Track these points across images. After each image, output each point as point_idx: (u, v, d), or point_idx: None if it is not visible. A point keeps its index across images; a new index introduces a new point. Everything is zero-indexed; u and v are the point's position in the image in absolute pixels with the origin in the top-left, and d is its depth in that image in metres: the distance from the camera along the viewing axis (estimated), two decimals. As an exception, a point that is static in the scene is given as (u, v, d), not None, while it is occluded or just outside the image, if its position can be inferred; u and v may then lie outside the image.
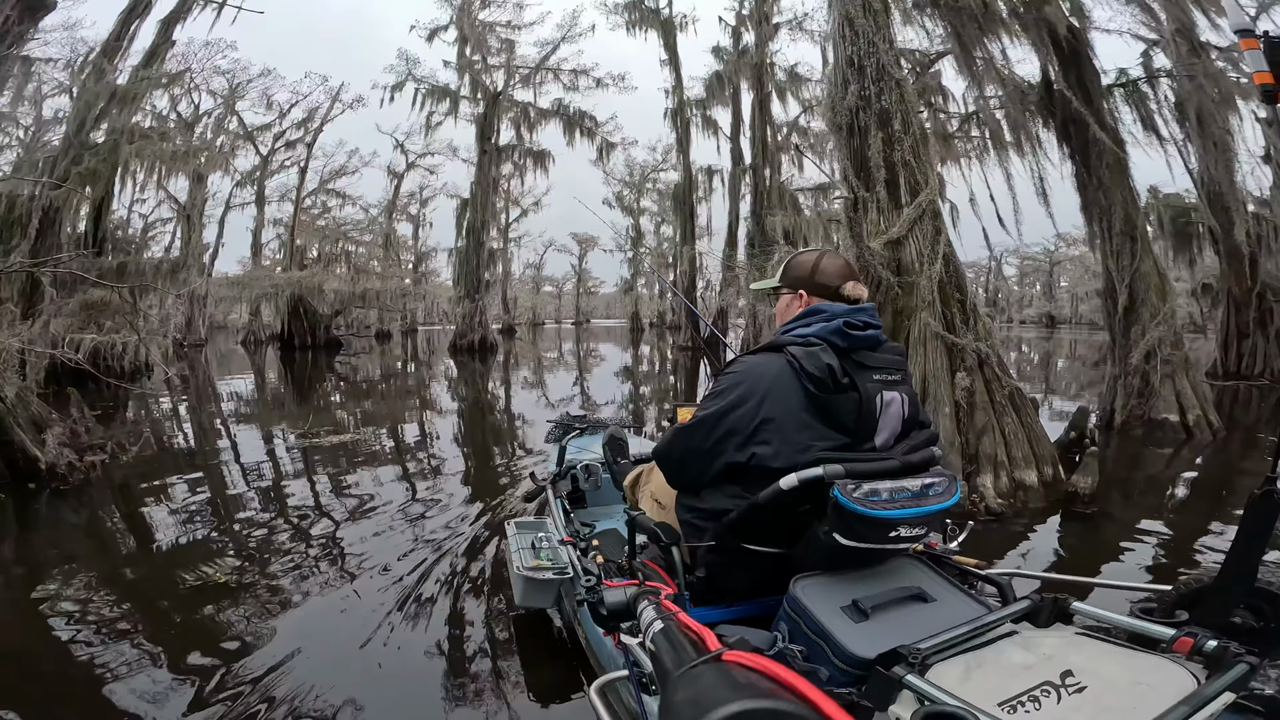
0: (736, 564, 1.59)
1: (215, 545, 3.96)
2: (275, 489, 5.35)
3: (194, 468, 6.01)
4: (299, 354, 23.59)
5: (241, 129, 28.01)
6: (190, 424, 9.21)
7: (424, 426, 8.72)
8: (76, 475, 4.98)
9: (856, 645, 1.21)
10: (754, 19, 19.61)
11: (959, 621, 1.23)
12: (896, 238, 4.69)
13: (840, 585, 1.38)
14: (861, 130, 5.32)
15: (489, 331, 24.62)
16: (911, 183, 4.90)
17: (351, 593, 3.26)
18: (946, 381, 4.44)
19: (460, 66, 22.48)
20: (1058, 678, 1.02)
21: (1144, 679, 0.99)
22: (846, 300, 1.69)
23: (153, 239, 33.14)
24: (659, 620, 1.25)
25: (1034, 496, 4.35)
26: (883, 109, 5.24)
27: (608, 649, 1.88)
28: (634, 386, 14.55)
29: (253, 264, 29.81)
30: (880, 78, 5.34)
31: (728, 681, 0.96)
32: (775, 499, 1.45)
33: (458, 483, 5.55)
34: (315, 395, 12.96)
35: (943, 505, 1.43)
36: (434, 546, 3.84)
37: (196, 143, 25.27)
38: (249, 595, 3.22)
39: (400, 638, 2.79)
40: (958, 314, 4.64)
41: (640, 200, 42.35)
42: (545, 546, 2.57)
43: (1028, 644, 1.15)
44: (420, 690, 2.45)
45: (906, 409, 1.62)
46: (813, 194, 21.88)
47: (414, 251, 40.83)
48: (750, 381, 1.57)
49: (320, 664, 2.57)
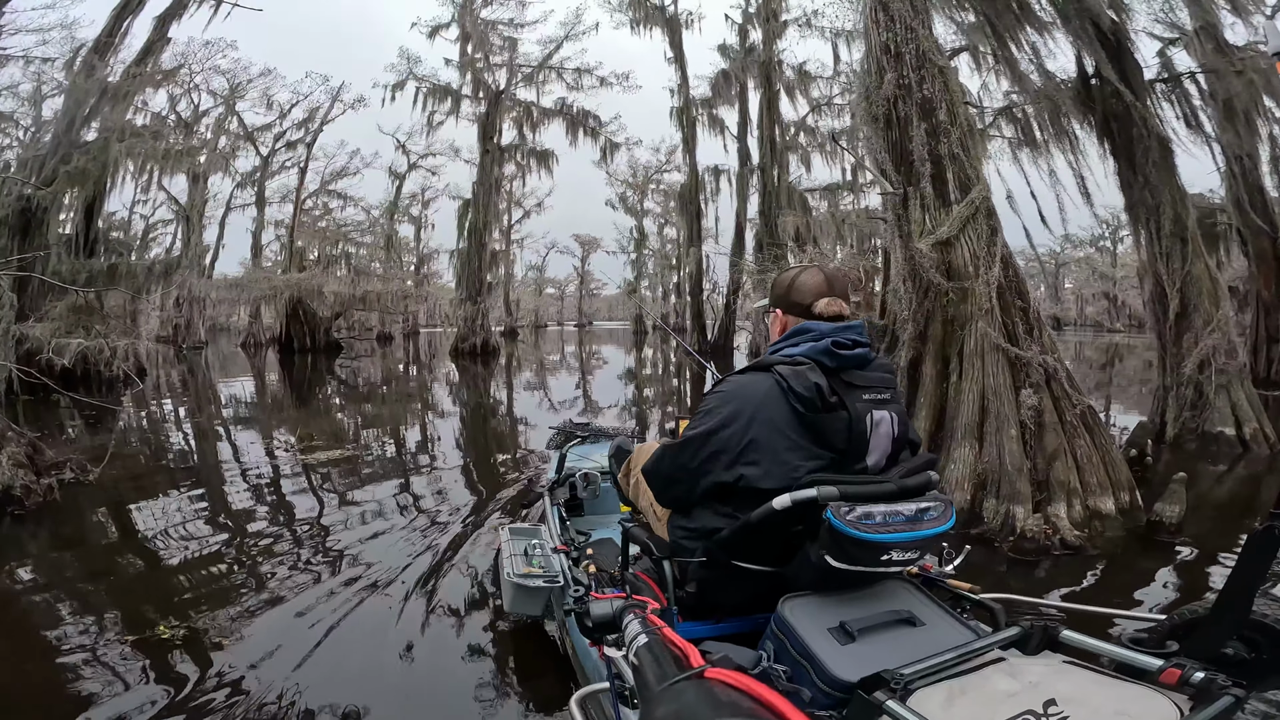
0: (727, 580, 1.59)
1: (178, 585, 3.52)
2: (255, 516, 4.87)
3: (170, 486, 5.56)
4: (298, 357, 23.15)
5: (242, 129, 27.64)
6: (176, 434, 8.75)
7: (425, 439, 8.27)
8: (33, 498, 4.50)
9: (840, 668, 1.20)
10: (761, 16, 19.16)
11: (946, 646, 1.20)
12: (946, 238, 4.23)
13: (829, 606, 1.37)
14: (900, 121, 4.87)
15: (491, 334, 24.15)
16: (961, 178, 4.44)
17: (349, 607, 3.19)
18: (1010, 399, 3.98)
19: (462, 64, 22.07)
20: (1040, 706, 1.00)
21: (1127, 709, 0.98)
22: (820, 318, 1.65)
23: (154, 240, 32.83)
24: (643, 634, 1.24)
25: (1111, 525, 3.89)
26: (924, 98, 4.79)
27: (593, 660, 1.88)
28: (637, 391, 14.11)
29: (253, 265, 29.37)
30: (921, 65, 4.89)
31: (709, 699, 0.96)
32: (767, 518, 1.43)
33: (455, 499, 5.11)
34: (312, 401, 12.50)
35: (937, 530, 1.42)
36: (431, 553, 3.84)
37: (193, 142, 24.87)
38: (192, 648, 2.81)
39: (395, 645, 2.81)
40: (1019, 323, 4.18)
41: (644, 202, 42.04)
42: (538, 554, 2.56)
43: (1013, 671, 1.13)
44: (410, 699, 2.45)
45: (896, 428, 1.59)
46: (822, 195, 21.43)
47: (416, 253, 40.46)
48: (738, 401, 1.55)
49: (322, 674, 2.57)
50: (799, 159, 20.67)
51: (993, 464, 3.92)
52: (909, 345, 4.23)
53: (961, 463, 3.98)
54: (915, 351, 4.26)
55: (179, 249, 28.99)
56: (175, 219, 31.70)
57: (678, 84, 21.62)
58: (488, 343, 23.23)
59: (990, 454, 3.94)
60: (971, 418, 4.02)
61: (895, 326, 4.47)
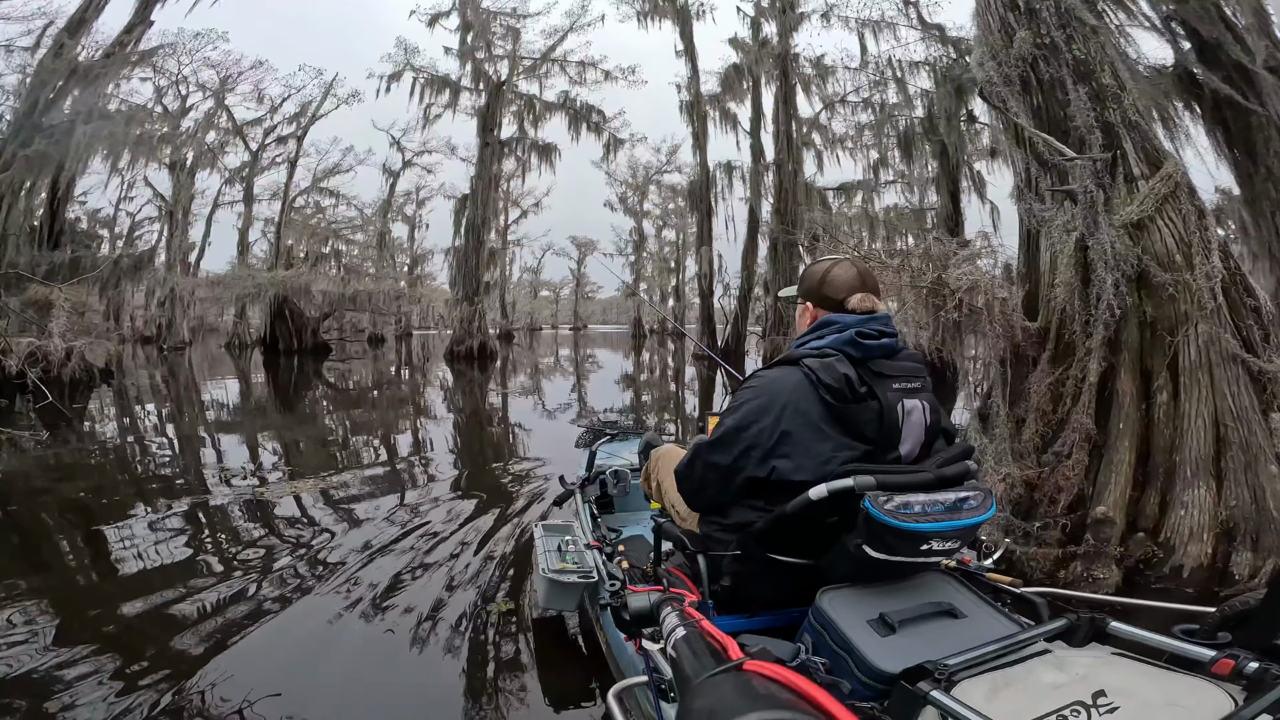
0: (762, 573, 1.56)
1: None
2: (194, 553, 3.77)
3: (99, 517, 4.45)
4: (283, 359, 21.93)
5: (231, 123, 26.46)
6: (127, 447, 7.55)
7: (422, 457, 7.12)
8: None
9: (881, 659, 1.17)
10: (777, 7, 18.24)
11: (989, 639, 1.16)
12: (1137, 219, 3.25)
13: (868, 598, 1.34)
14: (1043, 85, 3.96)
15: (488, 337, 23.02)
16: (1148, 151, 3.48)
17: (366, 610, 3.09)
18: (1259, 426, 3.00)
19: (462, 54, 21.03)
20: (1089, 698, 0.97)
21: (1179, 700, 0.95)
22: (854, 314, 1.61)
23: (139, 238, 31.51)
24: (681, 627, 1.22)
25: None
26: (1076, 59, 3.87)
27: (628, 654, 1.89)
28: (658, 395, 13.07)
29: (239, 263, 28.14)
30: (1066, 23, 3.98)
31: (747, 691, 0.94)
32: (803, 510, 1.40)
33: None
34: (296, 408, 11.25)
35: (977, 520, 1.37)
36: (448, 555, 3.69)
37: (167, 129, 23.62)
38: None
39: (414, 642, 2.74)
40: (1254, 327, 3.20)
41: (643, 203, 41.22)
42: (571, 550, 2.58)
43: (1060, 663, 1.09)
44: (435, 694, 2.40)
45: (929, 417, 1.56)
46: (836, 194, 20.52)
47: (409, 253, 39.39)
48: (768, 395, 1.54)
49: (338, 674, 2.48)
50: (813, 156, 19.74)
51: (1243, 508, 2.96)
52: (1095, 355, 3.24)
53: (1196, 508, 3.00)
54: (1104, 363, 3.27)
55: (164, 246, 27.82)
56: (159, 215, 30.56)
57: (687, 77, 20.70)
58: (485, 345, 22.10)
59: (1238, 495, 2.97)
60: (1203, 449, 3.05)
61: (1066, 332, 3.49)
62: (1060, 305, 3.62)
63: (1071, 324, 3.56)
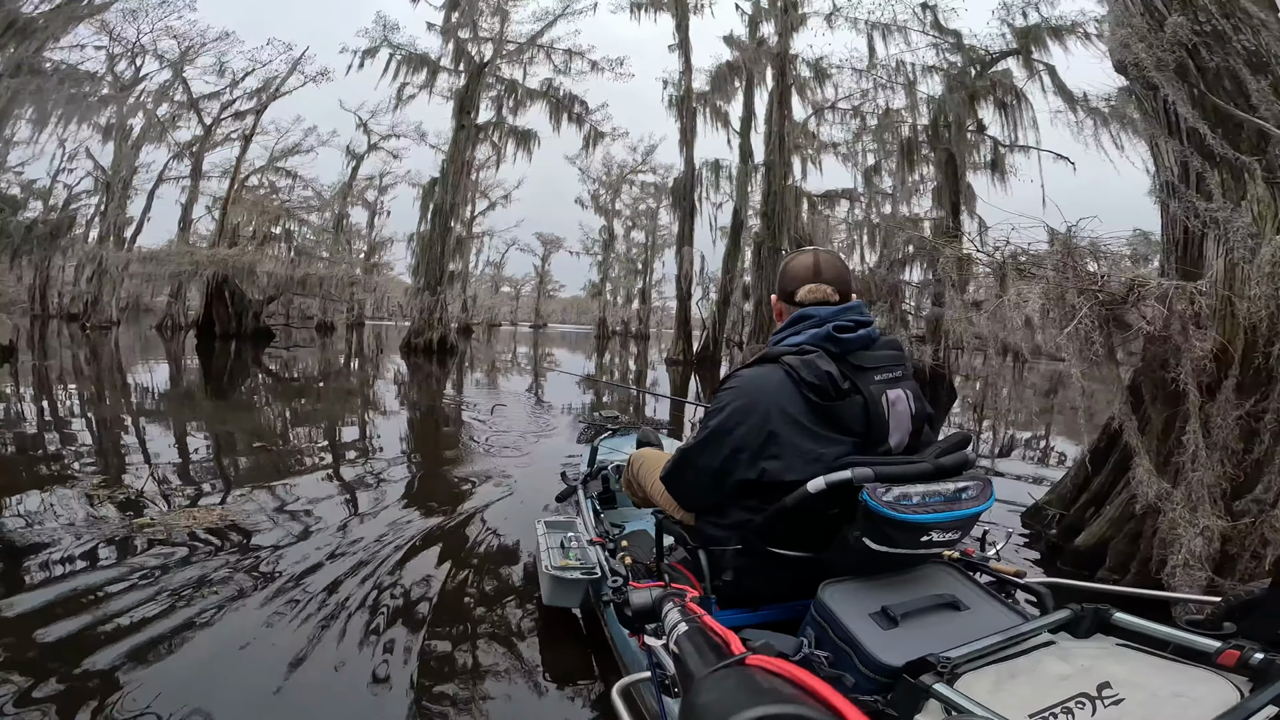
0: (764, 568, 1.55)
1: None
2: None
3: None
4: (219, 343, 20.01)
5: (186, 96, 24.34)
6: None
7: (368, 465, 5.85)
8: None
9: (884, 652, 1.16)
10: (777, 7, 17.64)
11: (993, 630, 1.18)
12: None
13: (870, 591, 1.33)
14: (1206, 74, 3.43)
15: (449, 330, 21.57)
16: None
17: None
18: None
19: (445, 30, 19.69)
20: (1094, 689, 0.96)
21: (1185, 691, 0.94)
22: (804, 305, 1.61)
23: (75, 211, 28.68)
24: (683, 622, 1.21)
25: None
26: (1247, 50, 3.29)
27: (632, 650, 1.89)
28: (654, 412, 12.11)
29: (178, 239, 25.84)
30: (1230, 13, 3.45)
31: (750, 686, 0.92)
32: (802, 503, 1.39)
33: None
34: (230, 396, 9.68)
35: (977, 510, 1.37)
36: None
37: (109, 93, 21.46)
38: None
39: (418, 640, 2.55)
40: None
41: (615, 202, 40.37)
42: (574, 546, 2.57)
43: (1064, 654, 1.09)
44: (441, 691, 2.28)
45: (913, 405, 1.55)
46: (822, 200, 20.04)
47: (368, 240, 37.43)
48: (750, 395, 1.51)
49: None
50: (802, 161, 19.19)
51: None
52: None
53: None
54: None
55: (101, 221, 25.46)
56: (96, 187, 27.98)
57: (680, 71, 19.93)
58: (445, 339, 20.65)
59: None
60: None
61: (1255, 355, 2.80)
62: (1249, 323, 2.89)
63: (1268, 345, 2.83)
